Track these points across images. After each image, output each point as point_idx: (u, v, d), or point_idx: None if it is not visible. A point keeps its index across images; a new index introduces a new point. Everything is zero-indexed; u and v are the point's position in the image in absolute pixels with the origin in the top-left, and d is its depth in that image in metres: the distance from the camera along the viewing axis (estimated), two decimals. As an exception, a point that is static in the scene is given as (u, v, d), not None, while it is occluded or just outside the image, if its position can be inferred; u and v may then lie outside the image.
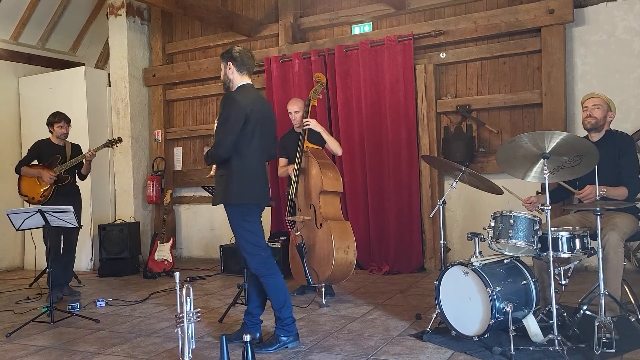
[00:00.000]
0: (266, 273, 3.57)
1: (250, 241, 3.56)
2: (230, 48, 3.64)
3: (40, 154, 5.48)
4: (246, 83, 3.61)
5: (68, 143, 5.58)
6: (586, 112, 3.88)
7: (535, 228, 3.41)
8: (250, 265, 3.58)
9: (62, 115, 5.49)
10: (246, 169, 3.52)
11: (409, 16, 6.32)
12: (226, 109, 3.50)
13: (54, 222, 4.55)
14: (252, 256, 3.56)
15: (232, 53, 3.60)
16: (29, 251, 7.34)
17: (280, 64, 6.62)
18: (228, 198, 3.52)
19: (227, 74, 3.61)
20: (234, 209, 3.55)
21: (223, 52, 3.66)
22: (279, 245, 5.81)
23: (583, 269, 5.31)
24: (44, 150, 5.47)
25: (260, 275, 3.58)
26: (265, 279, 3.57)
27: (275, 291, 3.58)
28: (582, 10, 5.53)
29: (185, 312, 2.93)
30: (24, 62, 7.62)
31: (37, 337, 4.13)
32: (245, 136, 3.49)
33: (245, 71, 3.61)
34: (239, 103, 3.47)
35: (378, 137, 6.10)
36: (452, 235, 6.09)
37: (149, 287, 5.77)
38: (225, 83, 3.65)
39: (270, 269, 3.59)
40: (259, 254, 3.57)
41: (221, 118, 3.51)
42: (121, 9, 7.38)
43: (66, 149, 5.52)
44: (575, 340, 3.24)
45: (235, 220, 3.57)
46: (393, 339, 3.63)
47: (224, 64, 3.62)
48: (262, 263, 3.57)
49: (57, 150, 5.47)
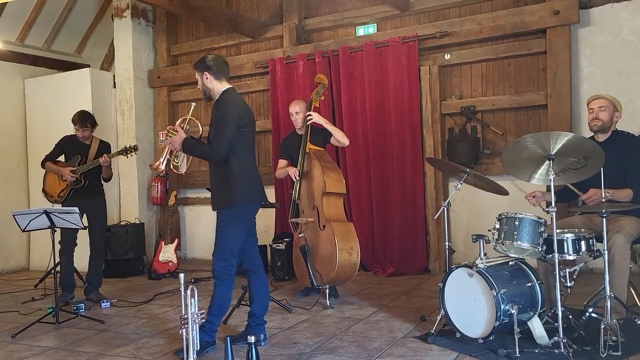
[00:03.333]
0: (225, 280, 3.58)
1: (228, 246, 3.57)
2: (203, 57, 3.65)
3: (65, 150, 5.32)
4: (228, 88, 3.64)
5: (96, 140, 5.35)
6: (592, 115, 3.85)
7: (540, 230, 3.39)
8: (215, 267, 3.58)
9: (81, 117, 5.25)
10: (246, 170, 3.58)
11: (414, 17, 6.31)
12: (221, 111, 3.52)
13: (59, 223, 4.56)
14: (222, 260, 3.57)
15: (206, 62, 3.61)
16: (35, 252, 7.37)
17: (285, 66, 6.63)
18: (230, 202, 3.53)
19: (205, 83, 3.63)
20: (229, 213, 3.56)
21: (196, 63, 3.66)
22: (283, 247, 5.82)
23: (589, 271, 5.28)
24: (69, 146, 5.31)
25: (218, 279, 3.58)
26: (221, 285, 3.57)
27: (223, 300, 3.60)
28: (588, 11, 5.51)
29: (190, 313, 2.93)
30: (29, 64, 7.65)
31: (43, 337, 4.15)
32: (241, 137, 3.55)
33: (223, 77, 3.64)
34: (234, 105, 3.54)
35: (382, 139, 6.10)
36: (456, 237, 6.08)
37: (153, 288, 5.79)
38: (206, 93, 3.66)
39: (230, 277, 3.60)
40: (229, 260, 3.58)
41: (217, 120, 3.52)
42: (126, 11, 7.41)
43: (91, 148, 5.29)
44: (580, 343, 3.22)
45: (226, 224, 3.57)
46: (397, 341, 3.62)
47: (200, 74, 3.63)
48: (227, 269, 3.58)
49: (81, 148, 5.27)
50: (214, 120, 3.56)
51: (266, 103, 7.05)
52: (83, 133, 5.26)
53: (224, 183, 3.56)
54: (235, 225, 3.57)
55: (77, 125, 5.25)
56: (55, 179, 5.29)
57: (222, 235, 3.59)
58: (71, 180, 5.15)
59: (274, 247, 5.91)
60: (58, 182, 5.27)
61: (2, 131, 7.31)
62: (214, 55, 3.67)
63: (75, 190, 5.20)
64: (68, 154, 5.33)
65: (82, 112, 5.34)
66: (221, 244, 3.59)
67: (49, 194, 5.32)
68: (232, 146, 3.49)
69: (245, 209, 3.61)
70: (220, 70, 3.62)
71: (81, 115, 5.28)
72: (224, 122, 3.49)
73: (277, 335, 3.88)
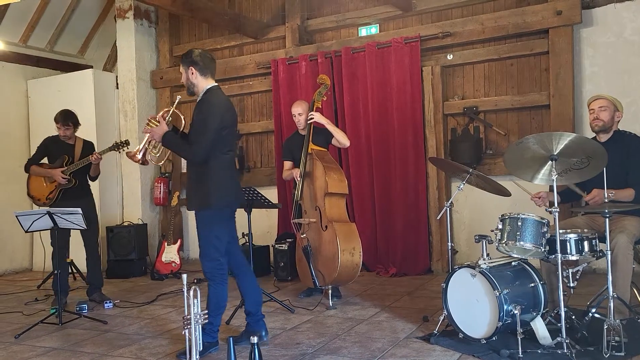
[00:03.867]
0: (218, 280, 3.57)
1: (214, 245, 3.56)
2: (190, 51, 3.60)
3: (49, 152, 5.24)
4: (213, 85, 3.60)
5: (79, 140, 5.30)
6: (593, 115, 3.85)
7: (543, 230, 3.39)
8: (205, 269, 3.57)
9: (63, 116, 5.19)
10: (225, 171, 3.55)
11: (416, 18, 6.31)
12: (204, 114, 3.48)
13: (62, 223, 4.57)
14: (211, 260, 3.55)
15: (192, 57, 3.54)
16: (38, 253, 7.38)
17: (287, 66, 6.63)
18: (208, 203, 3.52)
19: (190, 78, 3.58)
20: (208, 214, 3.55)
21: (183, 57, 3.60)
22: (285, 248, 5.82)
23: (591, 272, 5.27)
24: (53, 147, 5.23)
25: (210, 280, 3.57)
26: (215, 285, 3.56)
27: (218, 299, 3.59)
28: (590, 11, 5.51)
29: (193, 313, 2.93)
30: (32, 65, 7.67)
31: (46, 338, 4.15)
32: (222, 139, 3.50)
33: (209, 74, 3.59)
34: (217, 107, 3.49)
35: (385, 139, 6.09)
36: (459, 237, 6.08)
37: (156, 289, 5.79)
38: (190, 88, 3.61)
39: (222, 275, 3.59)
40: (218, 259, 3.57)
41: (199, 123, 3.48)
42: (129, 12, 7.42)
43: (75, 148, 5.26)
44: (583, 343, 3.22)
45: (207, 225, 3.56)
46: (400, 342, 3.62)
47: (185, 68, 3.58)
48: (218, 269, 3.57)
49: (65, 148, 5.23)
50: (196, 122, 3.51)
51: (269, 104, 7.06)
52: (65, 132, 5.19)
53: (201, 184, 3.53)
54: (215, 224, 3.56)
55: (59, 123, 5.17)
56: (42, 182, 5.21)
57: (205, 237, 3.57)
58: (63, 182, 5.09)
59: (276, 248, 5.91)
60: (45, 184, 5.20)
61: (5, 132, 7.33)
62: (201, 50, 3.62)
63: (64, 192, 5.14)
64: (52, 155, 5.24)
65: (65, 111, 5.26)
66: (206, 245, 3.56)
67: (36, 197, 5.22)
68: (211, 150, 3.46)
69: (223, 209, 3.59)
70: (207, 66, 3.57)
71: (63, 114, 5.22)
72: (205, 126, 3.44)
73: (280, 336, 3.89)
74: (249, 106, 7.32)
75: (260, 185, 6.68)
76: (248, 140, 7.31)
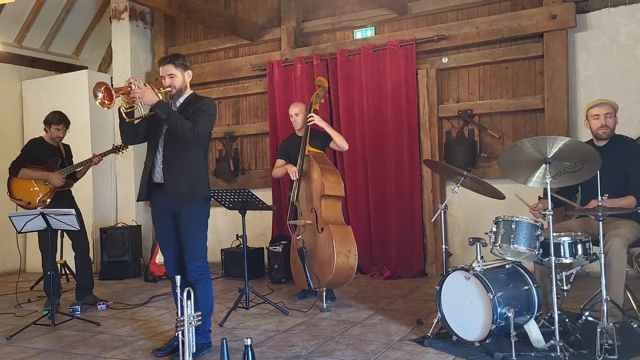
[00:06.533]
0: (204, 279, 3.54)
1: (204, 242, 3.55)
2: (180, 56, 3.64)
3: (36, 155, 5.14)
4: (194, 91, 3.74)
5: (60, 143, 5.29)
6: (598, 121, 3.77)
7: (537, 233, 3.40)
8: (194, 269, 3.49)
9: (63, 117, 5.17)
10: (206, 165, 3.72)
11: (411, 21, 6.32)
12: (208, 110, 3.54)
13: (55, 224, 4.55)
14: (199, 259, 3.51)
15: (186, 62, 3.64)
16: (31, 254, 7.34)
17: (283, 68, 6.63)
18: (205, 192, 3.57)
19: (186, 81, 3.64)
20: (203, 205, 3.57)
21: (178, 60, 3.58)
22: (280, 249, 5.81)
23: (585, 275, 5.29)
24: (39, 150, 5.16)
25: (198, 280, 3.49)
26: (201, 285, 3.51)
27: (206, 299, 3.55)
28: (585, 15, 5.53)
29: (186, 315, 2.92)
30: (27, 65, 7.65)
31: (38, 339, 4.13)
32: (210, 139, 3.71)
33: None
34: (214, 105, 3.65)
35: (380, 142, 6.10)
36: (453, 240, 6.08)
37: (150, 291, 5.77)
38: (180, 90, 3.61)
39: (207, 274, 3.58)
40: (204, 259, 3.57)
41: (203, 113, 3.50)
42: (124, 13, 7.41)
43: (61, 150, 5.26)
44: (577, 347, 3.23)
45: (201, 217, 3.54)
46: (394, 344, 3.62)
47: (181, 71, 3.58)
48: (205, 267, 3.57)
49: (52, 151, 5.17)
50: (198, 113, 3.49)
51: (264, 106, 7.06)
52: (62, 133, 5.18)
53: (198, 173, 3.53)
54: (206, 219, 3.60)
55: (60, 124, 5.13)
56: (32, 185, 5.11)
57: (199, 235, 3.52)
58: (61, 184, 5.06)
59: (271, 250, 5.90)
60: (37, 187, 5.10)
61: (-1, 132, 7.31)
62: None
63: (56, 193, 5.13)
64: (39, 157, 5.14)
65: (60, 112, 5.22)
66: (198, 243, 3.51)
67: (25, 200, 5.09)
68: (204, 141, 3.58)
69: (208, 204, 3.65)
70: None
71: (62, 115, 5.18)
72: (209, 119, 3.53)
73: (274, 338, 3.88)
74: (244, 108, 7.32)
75: (255, 187, 6.69)
76: (243, 142, 7.30)
